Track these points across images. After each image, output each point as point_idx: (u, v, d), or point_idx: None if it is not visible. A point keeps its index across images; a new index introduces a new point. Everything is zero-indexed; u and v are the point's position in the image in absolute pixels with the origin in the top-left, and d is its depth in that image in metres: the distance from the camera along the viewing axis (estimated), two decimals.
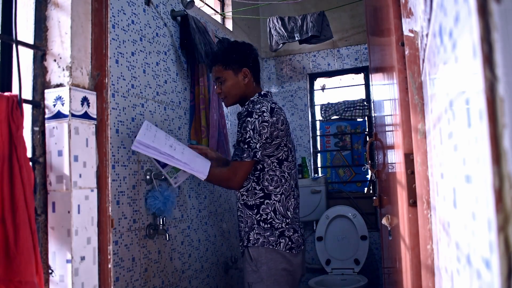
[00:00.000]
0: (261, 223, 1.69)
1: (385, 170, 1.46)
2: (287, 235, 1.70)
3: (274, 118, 1.69)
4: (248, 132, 1.64)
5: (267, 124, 1.67)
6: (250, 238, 1.70)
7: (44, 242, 1.02)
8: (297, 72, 3.81)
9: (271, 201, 1.70)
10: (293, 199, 1.76)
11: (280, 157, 1.71)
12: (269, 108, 1.70)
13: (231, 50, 1.80)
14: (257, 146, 1.64)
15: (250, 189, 1.72)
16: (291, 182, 1.76)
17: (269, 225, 1.69)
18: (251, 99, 1.80)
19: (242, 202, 1.74)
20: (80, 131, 1.05)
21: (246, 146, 1.64)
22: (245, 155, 1.64)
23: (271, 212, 1.70)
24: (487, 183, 0.27)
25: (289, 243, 1.69)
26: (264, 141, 1.67)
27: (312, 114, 3.81)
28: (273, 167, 1.70)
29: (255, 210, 1.70)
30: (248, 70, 1.80)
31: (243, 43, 1.89)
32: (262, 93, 1.83)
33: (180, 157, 1.64)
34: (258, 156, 1.65)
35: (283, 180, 1.72)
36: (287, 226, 1.71)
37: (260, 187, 1.70)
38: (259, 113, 1.67)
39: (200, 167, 1.68)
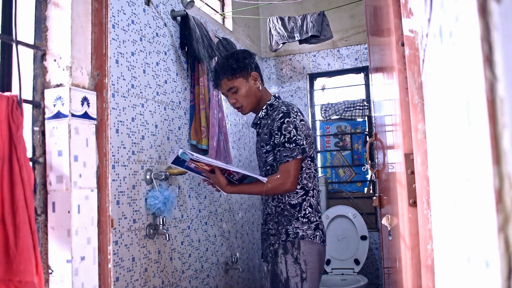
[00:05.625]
0: (300, 218, 1.71)
1: (385, 170, 1.46)
2: (320, 227, 1.74)
3: (304, 118, 1.76)
4: (292, 131, 1.65)
5: (304, 123, 1.72)
6: (289, 232, 1.70)
7: (44, 242, 1.02)
8: (297, 72, 3.81)
9: (308, 197, 1.74)
10: (318, 194, 1.83)
11: (312, 155, 1.76)
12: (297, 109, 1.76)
13: (233, 59, 1.79)
14: (304, 142, 1.66)
15: None
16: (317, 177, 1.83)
17: (306, 219, 1.71)
18: (268, 102, 1.81)
19: (287, 202, 1.74)
20: (80, 131, 1.05)
21: (293, 145, 1.64)
22: (295, 153, 1.64)
23: (309, 208, 1.73)
24: (487, 183, 0.27)
25: (322, 235, 1.74)
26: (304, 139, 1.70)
27: (312, 114, 3.81)
28: (309, 164, 1.74)
29: (298, 208, 1.72)
30: (256, 73, 1.80)
31: (240, 50, 1.91)
32: (277, 95, 1.86)
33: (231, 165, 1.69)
34: (307, 152, 1.67)
35: (313, 176, 1.77)
36: (319, 220, 1.75)
37: (300, 186, 1.72)
38: (295, 113, 1.70)
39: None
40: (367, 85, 3.66)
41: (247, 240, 3.22)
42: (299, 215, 1.71)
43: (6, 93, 0.93)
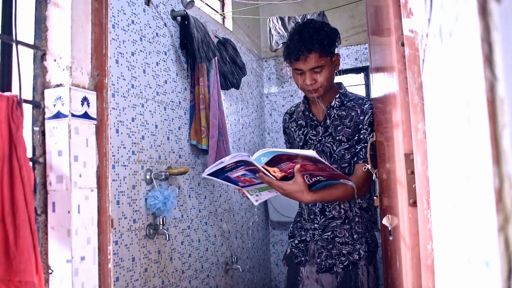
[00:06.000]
0: (373, 224, 1.59)
1: (385, 170, 1.46)
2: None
3: None
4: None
5: None
6: (369, 241, 1.57)
7: (44, 242, 1.02)
8: None
9: (371, 200, 1.61)
10: None
11: None
12: None
13: (325, 34, 1.48)
14: None
15: None
16: None
17: (374, 225, 1.61)
18: (341, 91, 1.60)
19: (358, 206, 1.58)
20: (80, 131, 1.05)
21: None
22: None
23: (374, 210, 1.61)
24: (487, 183, 0.27)
25: None
26: None
27: None
28: None
29: (370, 212, 1.60)
30: (339, 56, 1.56)
31: (329, 25, 1.58)
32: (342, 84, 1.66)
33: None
34: None
35: None
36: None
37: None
38: None
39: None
40: (367, 85, 3.66)
41: (247, 240, 3.22)
42: (372, 220, 1.59)
43: (6, 93, 0.93)
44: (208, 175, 1.38)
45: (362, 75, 3.71)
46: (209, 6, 3.07)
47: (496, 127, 0.25)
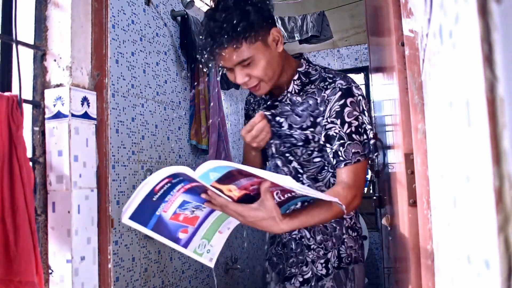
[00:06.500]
0: (349, 230, 1.21)
1: (385, 170, 1.46)
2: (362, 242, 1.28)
3: None
4: (359, 116, 1.11)
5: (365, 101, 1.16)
6: (342, 255, 1.19)
7: (44, 242, 1.02)
8: None
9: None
10: None
11: None
12: None
13: (243, 11, 1.04)
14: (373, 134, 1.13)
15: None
16: None
17: (356, 233, 1.23)
18: (300, 69, 1.19)
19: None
20: (80, 131, 1.05)
21: (364, 137, 1.11)
22: (366, 151, 1.11)
23: (354, 215, 1.23)
24: (487, 183, 0.27)
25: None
26: None
27: None
28: None
29: (349, 215, 1.23)
30: (278, 30, 1.11)
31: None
32: (306, 56, 1.24)
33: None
34: (378, 148, 1.15)
35: None
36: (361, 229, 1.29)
37: None
38: (357, 86, 1.14)
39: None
40: (367, 85, 3.66)
41: (247, 240, 3.22)
42: (347, 225, 1.21)
43: (6, 93, 0.93)
44: (131, 218, 0.91)
45: (362, 75, 3.71)
46: (209, 6, 3.08)
47: (496, 127, 0.26)
